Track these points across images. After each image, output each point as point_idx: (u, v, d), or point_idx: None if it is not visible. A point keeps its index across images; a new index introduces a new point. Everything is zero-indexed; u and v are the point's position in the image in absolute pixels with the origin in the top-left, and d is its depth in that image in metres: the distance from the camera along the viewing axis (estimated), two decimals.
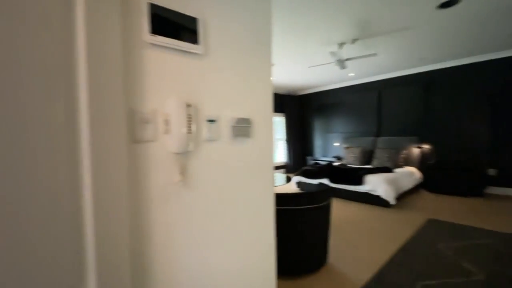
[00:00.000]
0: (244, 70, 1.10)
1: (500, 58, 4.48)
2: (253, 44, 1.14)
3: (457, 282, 1.87)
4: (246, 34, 1.11)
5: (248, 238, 1.14)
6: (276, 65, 4.85)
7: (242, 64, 1.10)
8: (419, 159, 5.22)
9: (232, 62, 1.06)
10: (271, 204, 1.25)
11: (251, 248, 1.16)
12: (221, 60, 1.03)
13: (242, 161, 1.10)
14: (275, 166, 4.92)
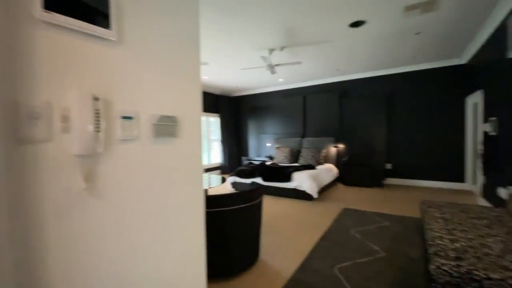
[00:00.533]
0: (169, 64, 1.02)
1: (399, 72, 5.56)
2: (180, 38, 1.07)
3: (366, 261, 2.20)
4: (172, 26, 1.03)
5: (176, 244, 1.06)
6: (209, 64, 4.77)
7: (167, 58, 1.01)
8: (336, 157, 5.98)
9: (155, 54, 0.97)
10: (200, 207, 1.20)
11: (179, 253, 1.08)
12: (141, 51, 0.92)
13: (166, 163, 1.02)
14: (210, 167, 4.81)
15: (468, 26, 3.38)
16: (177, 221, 1.07)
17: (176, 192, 1.06)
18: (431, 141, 5.24)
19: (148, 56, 0.94)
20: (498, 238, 1.78)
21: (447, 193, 4.67)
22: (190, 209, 1.13)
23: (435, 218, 2.24)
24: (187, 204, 1.12)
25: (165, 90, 1.01)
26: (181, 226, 1.09)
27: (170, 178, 1.03)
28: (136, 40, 0.91)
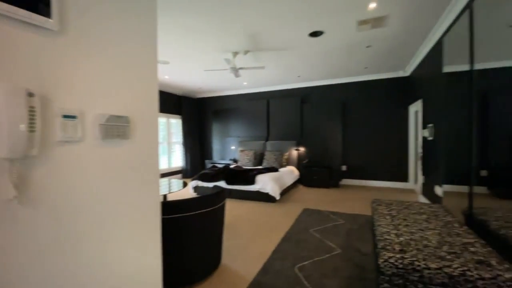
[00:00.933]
0: (121, 59, 0.95)
1: (353, 81, 6.01)
2: (135, 32, 1.00)
3: (324, 258, 2.31)
4: (125, 19, 0.96)
5: (130, 253, 0.98)
6: (170, 63, 4.58)
7: (119, 53, 0.94)
8: (297, 160, 6.22)
9: (105, 47, 0.89)
10: (156, 213, 1.13)
11: (133, 263, 1.00)
12: (88, 43, 0.84)
13: (117, 167, 0.94)
14: (171, 171, 4.58)
15: (411, 42, 3.81)
16: (130, 230, 0.99)
17: (128, 199, 0.98)
18: (380, 145, 5.76)
19: (96, 49, 0.86)
20: (435, 231, 2.01)
21: (394, 191, 5.17)
22: (145, 216, 1.06)
23: (384, 215, 2.46)
24: (141, 210, 1.04)
25: (116, 88, 0.93)
26: (134, 235, 1.01)
27: (121, 184, 0.95)
28: (81, 31, 0.82)
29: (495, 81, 2.06)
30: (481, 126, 2.32)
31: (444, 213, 2.49)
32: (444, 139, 3.22)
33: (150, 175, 1.08)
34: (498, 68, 2.00)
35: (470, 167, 2.44)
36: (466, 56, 2.39)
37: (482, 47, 2.18)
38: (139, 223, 1.03)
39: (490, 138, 2.23)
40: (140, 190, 1.03)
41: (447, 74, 3.00)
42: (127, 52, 0.97)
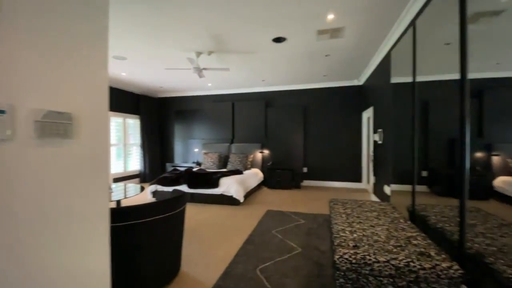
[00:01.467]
0: (64, 48, 0.84)
1: (313, 88, 6.30)
2: (79, 23, 0.90)
3: (285, 258, 2.35)
4: (67, 9, 0.86)
5: (73, 265, 0.87)
6: (128, 59, 4.28)
7: (62, 41, 0.83)
8: (261, 162, 6.30)
9: (43, 33, 0.78)
10: (104, 220, 1.02)
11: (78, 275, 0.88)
12: (21, 26, 0.73)
13: (57, 170, 0.83)
14: (127, 175, 4.26)
15: (365, 54, 4.15)
16: (73, 238, 0.88)
17: (71, 204, 0.87)
18: (337, 148, 6.14)
19: (31, 34, 0.75)
20: (384, 227, 2.19)
21: (349, 191, 5.55)
22: (91, 223, 0.95)
23: (340, 213, 2.61)
24: (86, 217, 0.93)
25: (56, 80, 0.82)
26: (78, 244, 0.90)
27: (62, 188, 0.84)
28: (12, 11, 0.71)
29: (435, 92, 2.34)
30: (423, 131, 2.61)
31: (392, 210, 2.73)
32: (391, 143, 3.55)
33: (97, 179, 0.98)
34: (437, 80, 2.26)
35: (413, 168, 2.73)
36: (410, 69, 2.68)
37: (425, 62, 2.46)
38: (84, 230, 0.92)
39: (430, 142, 2.52)
40: (86, 195, 0.93)
41: (394, 84, 3.33)
42: (71, 41, 0.86)
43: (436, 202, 2.41)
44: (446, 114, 2.18)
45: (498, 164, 1.62)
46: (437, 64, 2.22)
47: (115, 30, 3.15)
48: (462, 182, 1.80)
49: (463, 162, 1.78)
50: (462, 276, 1.48)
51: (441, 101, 2.21)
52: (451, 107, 1.90)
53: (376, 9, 2.72)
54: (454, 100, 1.84)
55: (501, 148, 1.62)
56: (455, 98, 1.82)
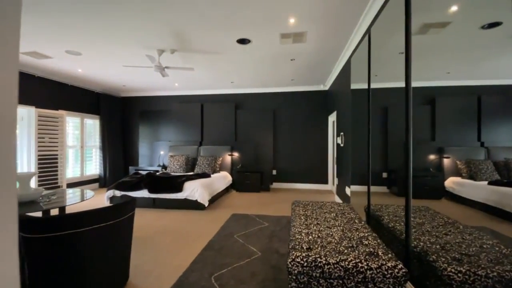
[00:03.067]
0: None
1: (281, 91, 6.37)
2: None
3: (243, 264, 2.29)
4: None
5: None
6: (83, 55, 3.96)
7: None
8: (231, 165, 6.21)
9: None
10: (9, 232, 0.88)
11: None
12: None
13: None
14: (84, 180, 3.92)
15: (328, 60, 4.28)
16: None
17: None
18: (305, 150, 6.27)
19: None
20: (340, 228, 2.23)
21: (316, 193, 5.67)
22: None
23: (299, 215, 2.62)
24: None
25: None
26: None
27: None
28: None
29: (393, 98, 2.44)
30: (383, 135, 2.72)
31: (349, 211, 2.81)
32: (351, 146, 3.69)
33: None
34: (395, 87, 2.35)
35: (368, 169, 2.84)
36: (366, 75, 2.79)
37: (383, 69, 2.57)
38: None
39: (389, 145, 2.63)
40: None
41: (354, 90, 3.47)
42: None
43: (393, 202, 2.51)
44: (403, 119, 2.29)
45: (449, 166, 1.72)
46: (393, 72, 2.33)
47: (64, 20, 2.88)
48: (407, 183, 1.89)
49: (407, 164, 1.87)
50: (406, 274, 1.53)
51: (399, 106, 2.32)
52: None
53: (335, 16, 2.81)
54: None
55: (451, 150, 1.72)
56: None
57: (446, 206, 1.78)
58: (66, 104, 5.52)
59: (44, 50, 3.76)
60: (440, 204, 1.83)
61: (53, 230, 1.49)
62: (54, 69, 4.66)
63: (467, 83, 1.57)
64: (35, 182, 4.70)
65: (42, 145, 4.85)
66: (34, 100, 4.78)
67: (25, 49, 3.68)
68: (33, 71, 4.70)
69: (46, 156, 4.93)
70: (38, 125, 4.76)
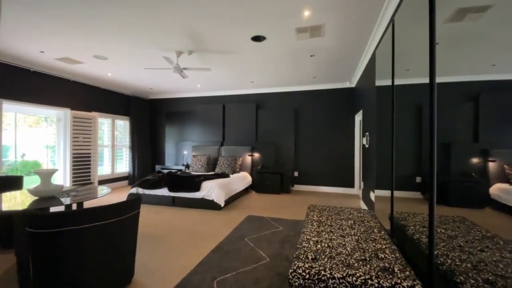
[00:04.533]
0: None
1: (303, 90, 6.16)
2: None
3: (249, 269, 2.18)
4: None
5: None
6: (109, 59, 4.20)
7: None
8: (251, 165, 6.14)
9: None
10: None
11: None
12: None
13: None
14: (115, 177, 4.14)
15: (351, 55, 4.00)
16: None
17: None
18: (329, 151, 5.96)
19: None
20: (355, 237, 2.02)
21: (340, 197, 5.34)
22: None
23: (312, 221, 2.44)
24: None
25: None
26: None
27: None
28: None
29: (427, 95, 2.17)
30: (416, 136, 2.43)
31: (370, 218, 2.55)
32: (376, 147, 3.38)
33: None
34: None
35: (391, 172, 2.55)
36: (390, 70, 2.52)
37: (416, 62, 2.28)
38: None
39: (424, 146, 2.34)
40: None
41: (381, 86, 3.16)
42: None
43: (426, 210, 2.24)
44: (440, 118, 2.03)
45: (495, 171, 1.47)
46: (427, 66, 2.05)
47: (89, 27, 3.05)
48: (431, 188, 1.64)
49: (432, 167, 1.62)
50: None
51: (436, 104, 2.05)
52: (445, 111, 1.75)
53: (353, 5, 2.57)
54: (449, 104, 1.70)
55: (497, 153, 1.47)
56: (449, 102, 1.68)
57: (489, 217, 1.50)
58: (98, 106, 5.92)
59: (75, 56, 4.05)
60: (482, 214, 1.55)
61: (55, 226, 1.54)
62: (86, 73, 5.02)
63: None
64: (69, 178, 5.10)
65: (76, 144, 5.25)
66: (70, 102, 5.20)
67: (58, 55, 4.00)
68: (68, 76, 5.12)
69: (80, 155, 5.33)
70: (73, 125, 5.17)
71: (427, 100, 2.07)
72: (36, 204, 2.29)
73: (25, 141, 9.45)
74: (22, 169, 9.66)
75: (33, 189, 2.36)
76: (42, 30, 3.17)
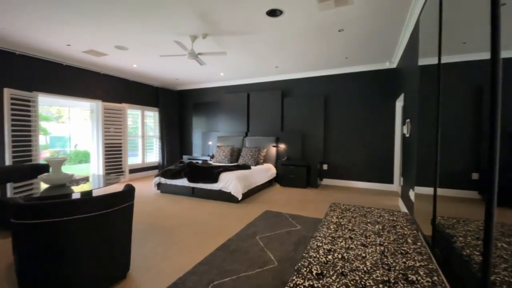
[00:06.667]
0: None
1: (334, 74, 5.56)
2: None
3: (251, 274, 1.92)
4: None
5: None
6: (129, 49, 4.20)
7: None
8: (276, 157, 5.80)
9: None
10: None
11: None
12: None
13: None
14: (144, 167, 4.19)
15: (388, 27, 3.35)
16: None
17: None
18: (364, 142, 5.31)
19: None
20: (380, 248, 1.60)
21: (376, 194, 4.73)
22: None
23: (329, 223, 2.05)
24: None
25: None
26: None
27: None
28: None
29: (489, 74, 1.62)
30: (474, 123, 1.88)
31: (405, 223, 2.07)
32: (419, 136, 2.78)
33: None
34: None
35: (435, 166, 2.02)
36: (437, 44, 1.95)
37: (476, 34, 1.71)
38: None
39: (483, 136, 1.80)
40: None
41: (427, 66, 2.55)
42: None
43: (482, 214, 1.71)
44: (505, 101, 1.49)
45: None
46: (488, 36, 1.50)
47: (103, 17, 3.01)
48: (490, 188, 1.16)
49: (492, 161, 1.13)
50: None
51: (503, 83, 1.51)
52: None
53: None
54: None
55: None
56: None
57: None
58: (128, 98, 6.13)
59: (98, 48, 4.13)
60: None
61: (38, 217, 1.45)
62: (113, 65, 5.16)
63: None
64: (102, 167, 5.39)
65: (108, 135, 5.51)
66: (101, 94, 5.43)
67: (84, 48, 4.12)
68: (98, 69, 5.33)
69: (111, 145, 5.59)
70: (104, 117, 5.41)
71: (489, 79, 1.49)
72: (46, 192, 2.32)
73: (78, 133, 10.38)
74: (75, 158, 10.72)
75: (45, 177, 2.40)
76: (67, 24, 3.25)
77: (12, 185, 2.61)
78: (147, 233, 2.76)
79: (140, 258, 2.19)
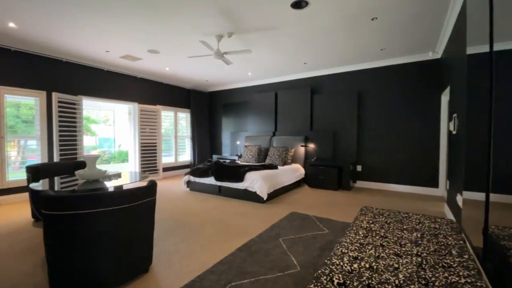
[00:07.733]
0: None
1: (369, 68, 5.19)
2: None
3: (270, 277, 1.82)
4: None
5: None
6: (160, 53, 4.39)
7: None
8: (304, 157, 5.60)
9: None
10: None
11: None
12: None
13: None
14: (177, 165, 4.39)
15: (429, 11, 2.99)
16: None
17: None
18: (403, 141, 4.85)
19: None
20: (417, 259, 1.40)
21: (417, 199, 4.28)
22: None
23: (359, 228, 1.86)
24: None
25: None
26: None
27: None
28: None
29: None
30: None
31: (450, 232, 1.80)
32: (467, 133, 2.42)
33: None
34: None
35: (488, 167, 1.71)
36: None
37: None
38: None
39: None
40: None
41: (476, 55, 2.20)
42: None
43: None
44: None
45: None
46: None
47: (135, 22, 3.17)
48: None
49: None
50: None
51: None
52: None
53: None
54: None
55: None
56: None
57: None
58: (162, 100, 6.45)
59: (133, 53, 4.39)
60: None
61: (65, 208, 1.53)
62: (148, 69, 5.47)
63: None
64: (139, 166, 5.74)
65: (143, 135, 5.85)
66: (137, 97, 5.80)
67: (121, 54, 4.41)
68: (135, 73, 5.69)
69: (146, 144, 5.93)
70: (140, 118, 5.76)
71: None
72: (83, 186, 2.50)
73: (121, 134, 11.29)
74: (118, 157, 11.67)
75: (81, 172, 2.58)
76: (106, 31, 3.51)
77: (59, 180, 2.88)
78: (173, 229, 2.83)
79: (163, 253, 2.23)
